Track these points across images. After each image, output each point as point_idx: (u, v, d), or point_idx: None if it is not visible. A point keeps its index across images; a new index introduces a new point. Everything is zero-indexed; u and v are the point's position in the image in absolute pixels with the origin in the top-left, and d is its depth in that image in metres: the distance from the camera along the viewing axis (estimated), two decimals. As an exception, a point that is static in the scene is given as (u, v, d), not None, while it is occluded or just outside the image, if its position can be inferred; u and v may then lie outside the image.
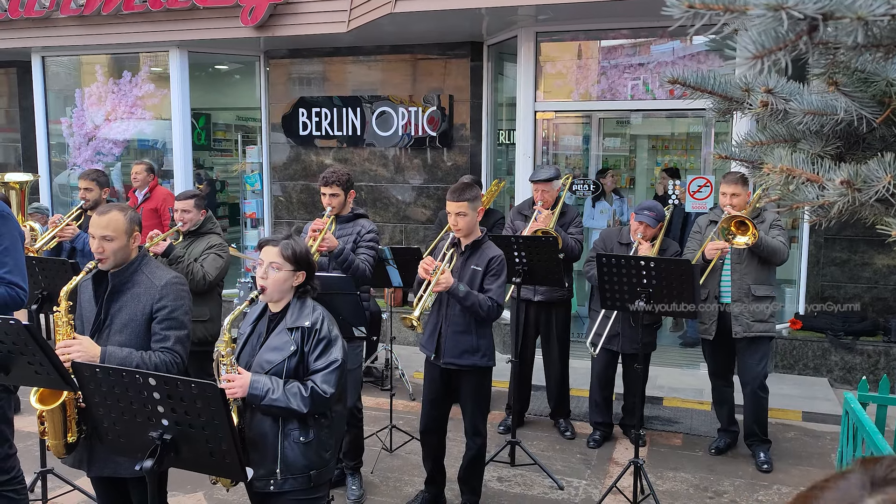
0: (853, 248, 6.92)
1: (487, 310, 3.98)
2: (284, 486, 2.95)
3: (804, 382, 6.69)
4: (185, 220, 4.96)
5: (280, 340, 2.99)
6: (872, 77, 1.23)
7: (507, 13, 6.59)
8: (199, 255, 4.92)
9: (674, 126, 9.83)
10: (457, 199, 4.06)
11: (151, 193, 6.93)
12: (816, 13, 0.91)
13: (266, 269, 2.99)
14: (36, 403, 3.07)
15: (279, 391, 2.88)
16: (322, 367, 2.96)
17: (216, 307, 5.08)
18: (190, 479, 4.54)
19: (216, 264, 4.92)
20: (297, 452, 2.96)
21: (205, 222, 5.06)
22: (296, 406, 2.88)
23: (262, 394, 2.86)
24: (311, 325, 2.98)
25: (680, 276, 4.48)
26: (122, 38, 8.14)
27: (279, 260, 2.99)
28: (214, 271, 4.90)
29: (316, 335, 2.98)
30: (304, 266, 3.06)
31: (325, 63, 8.43)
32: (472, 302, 3.95)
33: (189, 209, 4.96)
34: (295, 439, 2.96)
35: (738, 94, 1.44)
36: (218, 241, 5.02)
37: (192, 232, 5.02)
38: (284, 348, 2.97)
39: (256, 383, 2.87)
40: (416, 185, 8.18)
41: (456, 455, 4.65)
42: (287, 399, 2.87)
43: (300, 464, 2.97)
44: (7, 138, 9.99)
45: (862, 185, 1.22)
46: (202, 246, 4.96)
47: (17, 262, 3.45)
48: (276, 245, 3.01)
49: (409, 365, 6.90)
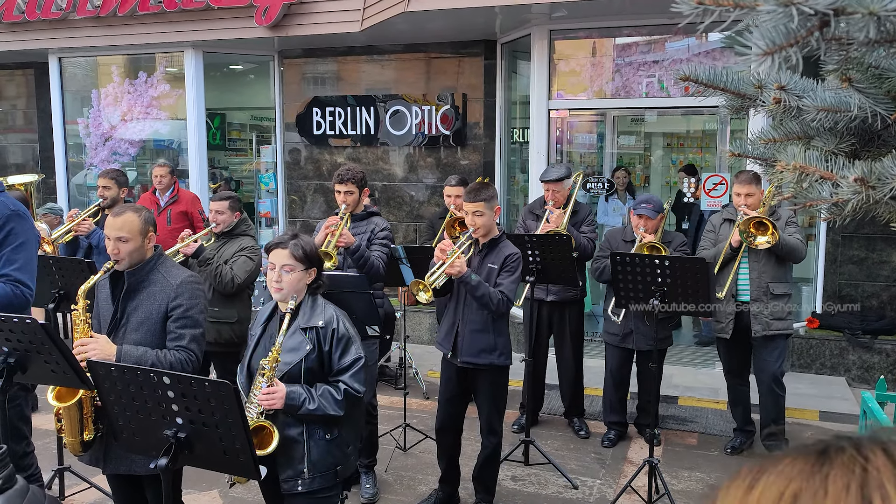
0: (871, 247, 6.84)
1: (497, 303, 3.98)
2: (313, 486, 2.99)
3: (821, 382, 6.63)
4: (218, 222, 4.96)
5: (295, 341, 3.00)
6: (887, 73, 1.22)
7: (521, 11, 6.57)
8: (231, 257, 4.91)
9: (689, 123, 9.77)
10: (473, 200, 4.06)
11: (179, 195, 6.93)
12: (827, 8, 0.90)
13: (279, 273, 3.01)
14: (53, 401, 3.10)
15: (314, 400, 2.91)
16: (348, 366, 3.00)
17: (245, 309, 5.07)
18: (205, 477, 4.57)
19: (246, 267, 4.90)
20: (323, 450, 2.99)
21: (238, 224, 5.04)
22: (332, 411, 2.93)
23: (299, 404, 2.90)
24: (325, 323, 3.00)
25: (695, 274, 4.46)
26: (138, 38, 8.20)
27: (291, 262, 3.01)
28: (244, 274, 4.88)
29: (335, 334, 3.01)
30: (315, 262, 3.09)
31: (339, 62, 8.45)
32: (483, 293, 3.95)
33: (223, 210, 4.96)
34: (320, 437, 2.99)
35: (750, 91, 1.43)
36: (250, 244, 5.01)
37: (225, 233, 5.01)
38: (300, 348, 2.98)
39: (292, 394, 2.90)
40: (429, 184, 8.18)
41: (470, 454, 4.65)
42: (323, 406, 2.92)
43: (326, 461, 3.01)
44: (24, 139, 10.08)
45: (876, 183, 1.20)
46: (234, 248, 4.96)
47: (28, 260, 3.48)
48: (285, 247, 3.03)
49: (422, 364, 6.90)
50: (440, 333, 4.31)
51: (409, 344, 6.29)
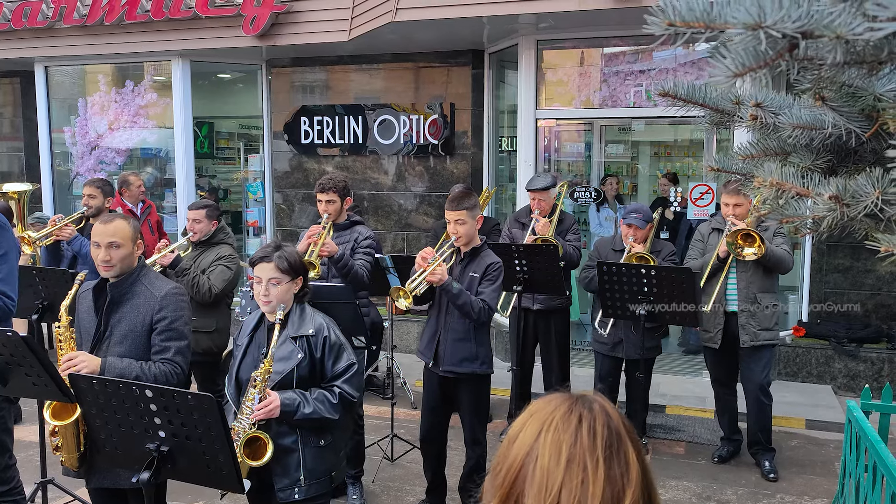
0: (856, 255, 6.89)
1: (479, 311, 3.98)
2: (310, 492, 3.01)
3: (807, 390, 6.66)
4: (195, 231, 4.93)
5: (286, 350, 3.00)
6: (860, 92, 1.22)
7: (508, 21, 6.60)
8: (208, 267, 4.87)
9: (676, 133, 9.81)
10: (455, 208, 4.06)
11: (152, 207, 6.93)
12: (795, 32, 0.90)
13: (267, 287, 3.01)
14: (50, 419, 3.07)
15: (309, 404, 2.93)
16: (342, 371, 3.04)
17: (224, 318, 5.05)
18: (190, 489, 4.53)
19: (224, 276, 4.86)
20: (317, 457, 3.02)
21: (216, 233, 5.00)
22: (328, 415, 2.96)
23: (294, 409, 2.91)
24: (315, 331, 3.03)
25: (681, 284, 4.48)
26: (125, 47, 8.17)
27: (277, 274, 3.01)
28: (221, 283, 4.84)
29: (327, 342, 3.03)
30: (301, 271, 3.10)
31: (327, 71, 8.45)
32: (464, 301, 3.95)
33: (200, 219, 4.91)
34: (314, 444, 3.01)
35: (728, 107, 1.44)
36: (228, 252, 4.96)
37: (202, 242, 4.97)
38: (291, 357, 2.99)
39: (287, 400, 2.91)
40: (418, 193, 8.18)
41: (457, 464, 4.64)
42: (319, 409, 2.94)
43: (321, 468, 3.04)
44: (11, 147, 10.03)
45: (851, 201, 1.21)
46: (212, 257, 4.91)
47: (10, 271, 3.48)
48: (269, 261, 3.03)
49: (410, 373, 6.89)
50: (422, 343, 4.31)
51: (396, 353, 6.28)
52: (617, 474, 1.01)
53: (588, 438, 1.03)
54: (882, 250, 1.26)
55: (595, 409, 1.06)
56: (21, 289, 4.53)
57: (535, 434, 1.05)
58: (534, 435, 1.05)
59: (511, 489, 1.05)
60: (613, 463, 1.02)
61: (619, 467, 1.02)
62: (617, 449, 1.03)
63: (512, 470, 1.06)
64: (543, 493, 1.01)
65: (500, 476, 1.08)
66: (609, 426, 1.04)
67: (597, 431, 1.03)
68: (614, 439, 1.04)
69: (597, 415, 1.05)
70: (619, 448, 1.03)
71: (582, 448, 1.02)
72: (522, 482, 1.03)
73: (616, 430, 1.05)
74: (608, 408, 1.08)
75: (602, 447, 1.02)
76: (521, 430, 1.08)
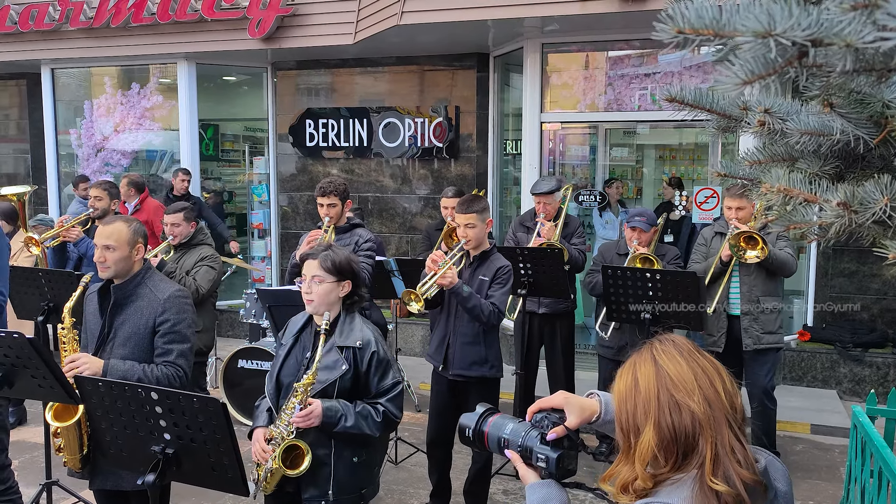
0: (862, 260, 6.87)
1: (489, 315, 3.98)
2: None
3: (812, 395, 6.64)
4: (175, 234, 5.00)
5: (331, 359, 2.94)
6: (869, 98, 1.22)
7: (513, 25, 6.60)
8: (192, 268, 4.94)
9: (681, 136, 9.80)
10: (465, 211, 4.07)
11: (143, 206, 6.92)
12: (805, 40, 0.90)
13: (310, 284, 2.99)
14: (52, 420, 3.07)
15: (352, 417, 2.86)
16: (388, 389, 2.97)
17: (210, 318, 5.14)
18: (194, 492, 4.53)
19: (208, 276, 4.94)
20: (350, 472, 2.94)
21: (195, 234, 5.08)
22: (369, 431, 2.89)
23: (336, 420, 2.85)
24: (363, 344, 2.96)
25: (686, 287, 4.47)
26: (131, 50, 8.20)
27: (320, 273, 2.98)
28: (207, 283, 4.92)
29: (375, 357, 2.96)
30: (348, 275, 3.02)
31: (333, 74, 8.47)
32: (474, 304, 3.95)
33: (179, 222, 4.98)
34: (348, 460, 2.94)
35: (736, 113, 1.44)
36: (209, 253, 5.04)
37: (183, 244, 5.04)
38: (336, 367, 2.93)
39: (328, 411, 2.85)
40: (422, 196, 8.18)
41: (462, 468, 4.63)
42: (360, 424, 2.87)
43: (353, 483, 2.96)
44: (17, 149, 10.06)
45: (858, 207, 1.21)
46: (194, 258, 4.99)
47: (2, 268, 3.56)
48: (315, 258, 3.00)
49: (414, 376, 6.88)
50: (431, 346, 4.30)
51: (400, 356, 6.28)
52: (709, 363, 1.45)
53: (675, 348, 1.44)
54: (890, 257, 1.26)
55: (656, 339, 1.50)
56: (27, 290, 4.57)
57: (650, 365, 1.43)
58: (650, 367, 1.43)
59: (658, 412, 1.40)
60: (698, 356, 1.45)
61: (704, 359, 1.45)
62: (693, 349, 1.45)
63: (651, 395, 1.40)
64: (684, 387, 1.38)
65: (637, 413, 1.43)
66: (675, 340, 1.46)
67: (675, 341, 1.46)
68: (688, 346, 1.47)
69: (662, 339, 1.48)
70: (694, 349, 1.45)
71: (682, 350, 1.43)
72: (664, 397, 1.39)
73: (681, 341, 1.47)
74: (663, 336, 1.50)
75: (686, 350, 1.44)
76: (630, 377, 1.47)
